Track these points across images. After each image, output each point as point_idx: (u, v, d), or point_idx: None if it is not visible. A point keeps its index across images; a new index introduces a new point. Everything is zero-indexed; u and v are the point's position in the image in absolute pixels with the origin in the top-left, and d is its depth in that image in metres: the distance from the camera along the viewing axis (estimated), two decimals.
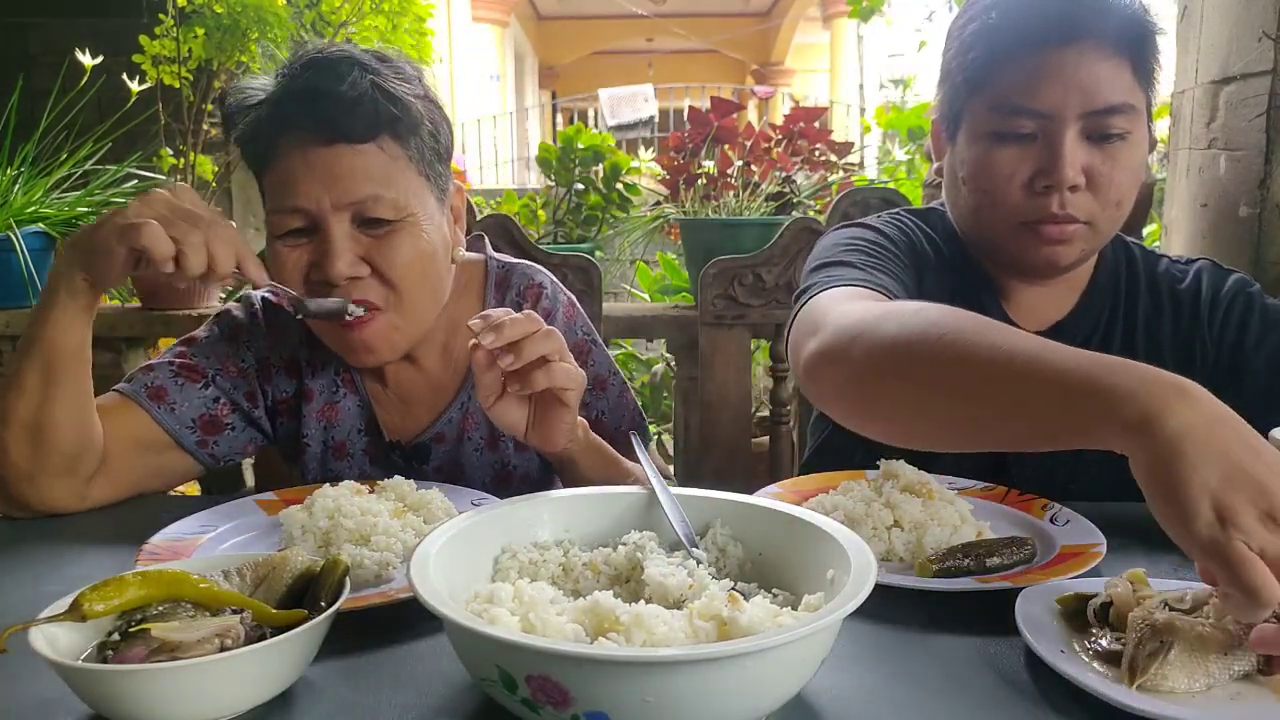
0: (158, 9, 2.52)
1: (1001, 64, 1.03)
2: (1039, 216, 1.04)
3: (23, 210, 2.45)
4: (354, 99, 1.01)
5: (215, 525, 0.98)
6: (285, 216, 1.04)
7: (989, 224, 1.09)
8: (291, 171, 1.03)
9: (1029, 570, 0.83)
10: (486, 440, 1.21)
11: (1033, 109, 1.01)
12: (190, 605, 0.66)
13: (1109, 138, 1.02)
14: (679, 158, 2.41)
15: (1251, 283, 1.17)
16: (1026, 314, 1.15)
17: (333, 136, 1.02)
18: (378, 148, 1.04)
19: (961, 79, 1.07)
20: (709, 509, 0.80)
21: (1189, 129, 2.29)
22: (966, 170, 1.08)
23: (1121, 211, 1.06)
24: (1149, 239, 3.05)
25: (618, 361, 2.97)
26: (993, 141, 1.05)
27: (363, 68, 1.04)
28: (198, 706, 0.60)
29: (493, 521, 0.75)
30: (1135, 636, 0.64)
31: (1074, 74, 0.99)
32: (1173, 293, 1.17)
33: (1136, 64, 1.02)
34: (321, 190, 1.02)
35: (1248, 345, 1.13)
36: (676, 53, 16.62)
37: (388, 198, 1.04)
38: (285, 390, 1.20)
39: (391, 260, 1.05)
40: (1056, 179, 1.01)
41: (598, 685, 0.53)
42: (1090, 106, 1.00)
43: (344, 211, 1.03)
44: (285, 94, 1.04)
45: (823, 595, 0.65)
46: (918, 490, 0.94)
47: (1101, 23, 1.00)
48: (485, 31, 12.01)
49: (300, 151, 1.03)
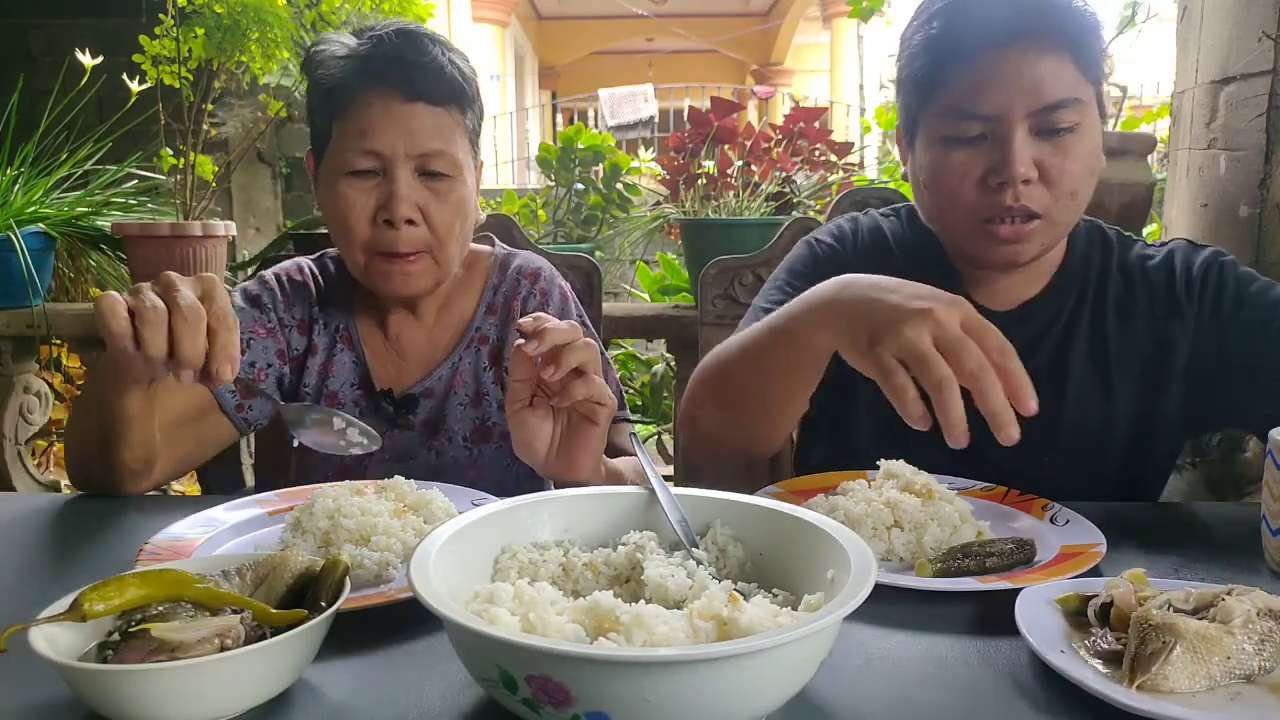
0: (158, 9, 2.52)
1: (946, 71, 1.07)
2: (995, 212, 1.07)
3: (23, 210, 2.45)
4: (437, 68, 1.18)
5: (215, 525, 0.98)
6: (358, 156, 1.17)
7: (951, 224, 1.14)
8: (373, 119, 1.17)
9: (1029, 570, 0.83)
10: (471, 398, 1.32)
11: (980, 113, 1.05)
12: (190, 605, 0.66)
13: (1058, 131, 1.05)
14: (679, 158, 2.41)
15: (1225, 254, 1.17)
16: (995, 297, 1.18)
17: (415, 96, 1.17)
18: (446, 112, 1.20)
19: (911, 87, 1.12)
20: (709, 509, 0.80)
21: (1189, 129, 2.29)
22: (925, 175, 1.13)
23: (1078, 201, 1.09)
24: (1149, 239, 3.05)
25: (617, 361, 2.98)
26: (946, 145, 1.09)
27: (442, 45, 1.21)
28: (198, 706, 0.60)
29: (493, 521, 0.75)
30: (1136, 636, 0.64)
31: (1016, 75, 1.03)
32: (1145, 272, 1.18)
33: (1077, 58, 1.04)
34: (398, 139, 1.16)
35: (1224, 313, 1.13)
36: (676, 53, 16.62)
37: (448, 154, 1.20)
38: (297, 348, 1.32)
39: (441, 210, 1.20)
40: (1008, 175, 1.04)
41: (598, 685, 0.53)
42: (1035, 105, 1.03)
43: (411, 161, 1.18)
44: (377, 53, 1.18)
45: (823, 595, 0.65)
46: (918, 490, 0.94)
47: (1038, 23, 1.03)
48: (485, 31, 12.01)
49: (384, 104, 1.17)
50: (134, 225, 2.42)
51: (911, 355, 0.78)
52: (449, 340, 1.33)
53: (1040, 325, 1.17)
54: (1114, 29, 2.41)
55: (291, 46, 2.60)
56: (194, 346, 0.85)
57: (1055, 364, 1.16)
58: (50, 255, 2.51)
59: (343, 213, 1.19)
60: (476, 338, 1.33)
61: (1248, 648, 0.64)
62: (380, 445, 1.00)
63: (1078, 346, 1.16)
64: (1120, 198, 2.10)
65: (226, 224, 2.50)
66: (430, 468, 1.28)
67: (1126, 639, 0.65)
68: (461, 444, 1.30)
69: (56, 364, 2.95)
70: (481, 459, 1.30)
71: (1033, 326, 1.17)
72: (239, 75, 2.70)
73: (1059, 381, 1.15)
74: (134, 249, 2.40)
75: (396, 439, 1.29)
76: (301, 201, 4.78)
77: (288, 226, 3.49)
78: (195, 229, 2.39)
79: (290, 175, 4.74)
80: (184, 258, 2.39)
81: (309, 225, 2.76)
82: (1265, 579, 0.84)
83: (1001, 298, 1.19)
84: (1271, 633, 0.65)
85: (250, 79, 2.67)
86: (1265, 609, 0.66)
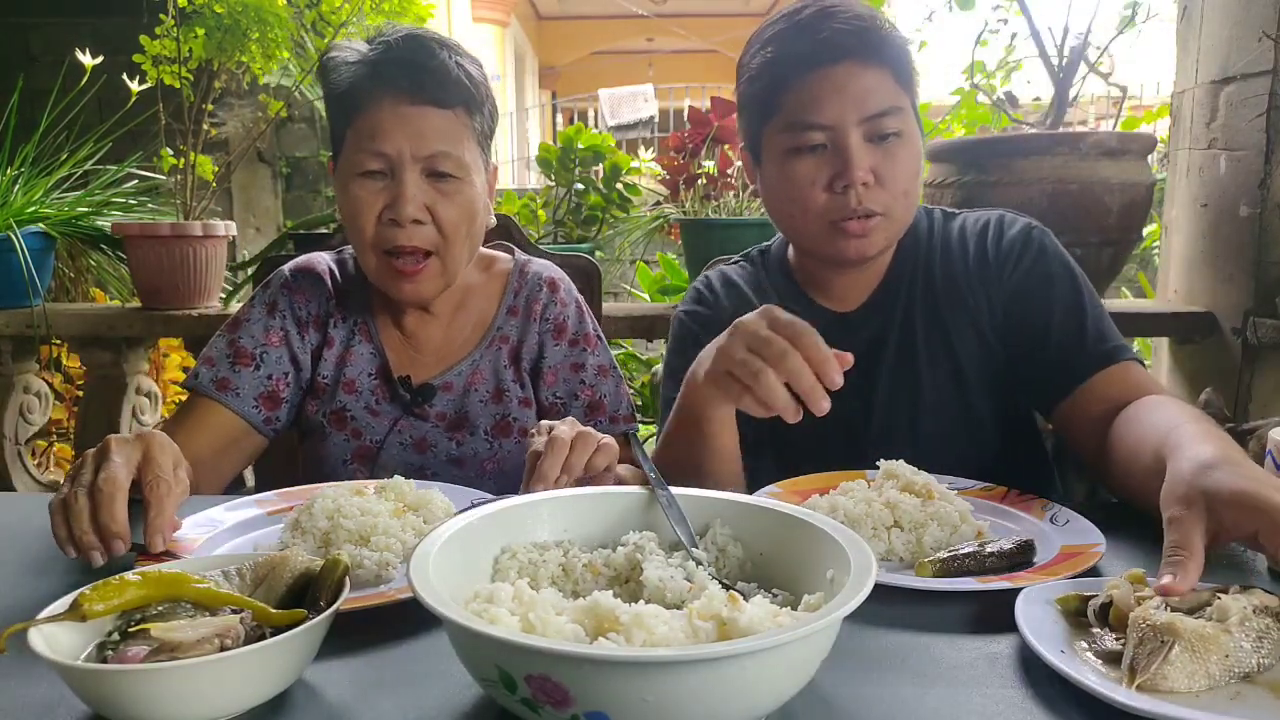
0: (158, 9, 2.51)
1: (786, 89, 1.17)
2: (842, 214, 1.17)
3: (23, 210, 2.45)
4: (445, 72, 1.21)
5: (215, 525, 0.98)
6: (368, 157, 1.20)
7: (803, 227, 1.22)
8: (382, 121, 1.20)
9: (1029, 570, 0.83)
10: (492, 393, 1.36)
11: (819, 123, 1.16)
12: (190, 605, 0.66)
13: (885, 137, 1.16)
14: (679, 158, 2.41)
15: (1037, 226, 1.27)
16: (841, 299, 1.30)
17: (423, 99, 1.20)
18: (454, 114, 1.22)
19: (754, 108, 1.23)
20: (709, 509, 0.80)
21: (1189, 129, 2.29)
22: (775, 185, 1.23)
23: (911, 199, 1.20)
24: (1149, 239, 3.05)
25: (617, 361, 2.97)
26: (791, 156, 1.18)
27: (450, 49, 1.24)
28: (197, 706, 0.60)
29: (492, 521, 0.75)
30: (1136, 636, 0.64)
31: (846, 87, 1.15)
32: (962, 238, 1.28)
33: (896, 73, 1.17)
34: (405, 141, 1.19)
35: (1012, 278, 1.23)
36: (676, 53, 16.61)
37: (455, 155, 1.22)
38: (314, 341, 1.35)
39: (448, 210, 1.22)
40: (850, 179, 1.14)
41: (597, 685, 0.53)
42: (865, 113, 1.15)
43: (418, 163, 1.21)
44: (386, 58, 1.21)
45: (822, 595, 0.65)
46: (918, 490, 0.94)
47: (862, 42, 1.15)
48: (485, 31, 12.01)
49: (392, 106, 1.20)
50: (134, 225, 2.42)
51: (735, 366, 0.93)
52: (468, 339, 1.37)
53: (883, 319, 1.27)
54: (1114, 29, 2.41)
55: (291, 47, 2.59)
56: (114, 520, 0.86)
57: (903, 352, 1.25)
58: (50, 255, 2.51)
59: (353, 212, 1.22)
60: (498, 337, 1.37)
61: (1245, 645, 0.64)
62: None
63: (921, 335, 1.25)
64: (1120, 198, 2.09)
65: (227, 224, 2.50)
66: (450, 458, 1.32)
67: (1125, 639, 0.65)
68: (483, 437, 1.34)
69: (56, 364, 2.95)
70: (500, 452, 1.34)
71: (877, 322, 1.27)
72: (239, 75, 2.70)
73: (910, 369, 1.25)
74: (134, 249, 2.40)
75: (414, 427, 1.33)
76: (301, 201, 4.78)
77: (288, 226, 3.49)
78: (195, 229, 2.40)
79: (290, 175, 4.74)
80: (184, 258, 2.39)
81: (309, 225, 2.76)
82: (1265, 579, 0.84)
83: (847, 299, 1.30)
84: (1269, 630, 0.65)
85: (250, 79, 2.67)
86: (1262, 606, 0.66)
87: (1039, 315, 1.20)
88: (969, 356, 1.24)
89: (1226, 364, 2.12)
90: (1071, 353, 1.16)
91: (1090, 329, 1.17)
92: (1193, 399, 2.16)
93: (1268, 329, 1.99)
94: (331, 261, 1.41)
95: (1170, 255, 2.42)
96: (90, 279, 2.77)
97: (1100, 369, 1.14)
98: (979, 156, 2.17)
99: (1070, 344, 1.17)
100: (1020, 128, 2.42)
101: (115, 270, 2.69)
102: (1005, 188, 2.10)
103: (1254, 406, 2.03)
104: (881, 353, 1.25)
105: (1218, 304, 2.19)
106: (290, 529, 0.91)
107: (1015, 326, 1.22)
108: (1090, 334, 1.16)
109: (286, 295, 1.35)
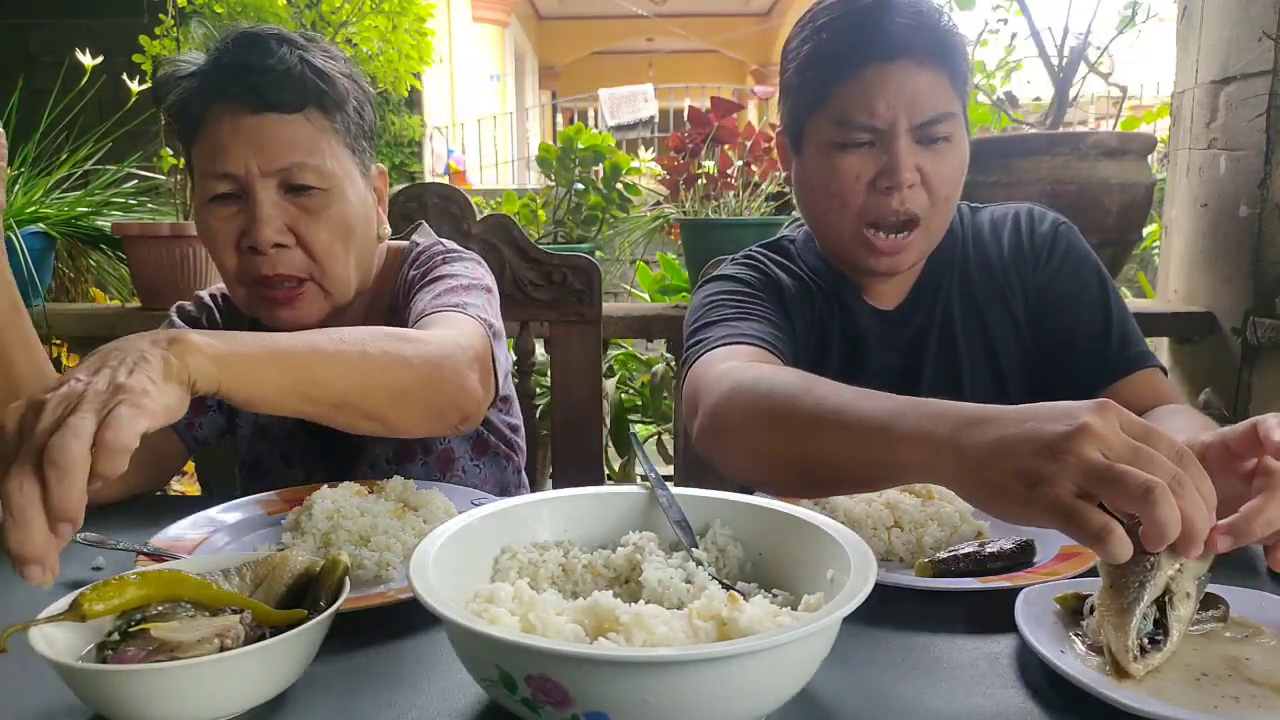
0: (158, 9, 2.51)
1: (837, 82, 1.12)
2: (880, 215, 1.14)
3: (23, 210, 2.45)
4: (283, 71, 1.07)
5: (215, 525, 0.98)
6: (214, 181, 1.08)
7: (836, 228, 1.18)
8: (221, 138, 1.07)
9: (1029, 570, 0.83)
10: None
11: (870, 125, 1.11)
12: (190, 605, 0.66)
13: (935, 140, 1.13)
14: (679, 158, 2.41)
15: (1065, 222, 1.27)
16: (878, 297, 1.26)
17: (262, 106, 1.07)
18: (305, 118, 1.09)
19: (803, 97, 1.18)
20: (709, 509, 0.80)
21: (1189, 129, 2.29)
22: (816, 178, 1.18)
23: (949, 206, 1.17)
24: (1149, 239, 3.05)
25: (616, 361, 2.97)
26: (836, 150, 1.14)
27: (291, 44, 1.10)
28: (197, 706, 0.60)
29: (492, 521, 0.75)
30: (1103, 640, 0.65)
31: (900, 87, 1.10)
32: (994, 229, 1.27)
33: (953, 75, 1.13)
34: (250, 156, 1.06)
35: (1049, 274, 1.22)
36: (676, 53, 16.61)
37: (313, 165, 1.09)
38: None
39: (316, 229, 1.09)
40: (896, 181, 1.11)
41: (598, 685, 0.53)
42: (919, 118, 1.11)
43: (271, 178, 1.08)
44: (217, 67, 1.09)
45: (822, 595, 0.65)
46: (917, 490, 0.94)
47: (919, 39, 1.10)
48: (485, 31, 12.01)
49: (231, 120, 1.07)
50: (134, 225, 2.42)
51: (1093, 479, 0.60)
52: None
53: (924, 315, 1.25)
54: (1114, 29, 2.41)
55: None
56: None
57: (944, 346, 1.23)
58: (50, 255, 2.50)
59: (210, 242, 1.10)
60: None
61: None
62: None
63: (960, 326, 1.23)
64: (1120, 198, 2.09)
65: None
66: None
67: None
68: (385, 467, 1.22)
69: (57, 364, 2.95)
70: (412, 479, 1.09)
71: (920, 318, 1.25)
72: None
73: (951, 359, 1.23)
74: (134, 249, 2.39)
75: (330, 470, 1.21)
76: None
77: None
78: (195, 229, 2.39)
79: None
80: (184, 258, 2.38)
81: None
82: (1265, 579, 0.84)
83: (888, 296, 1.26)
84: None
85: None
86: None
87: (1066, 315, 1.19)
88: (1004, 345, 1.23)
89: (1226, 364, 2.12)
90: (1096, 355, 1.16)
91: (1116, 332, 1.17)
92: (1193, 399, 2.17)
93: (1267, 329, 1.99)
94: (219, 295, 1.30)
95: (1170, 255, 2.42)
96: (90, 279, 2.76)
97: (1125, 375, 1.14)
98: (979, 156, 2.15)
99: (1096, 347, 1.16)
100: (1020, 128, 2.42)
101: (115, 270, 2.69)
102: (1005, 188, 2.10)
103: (1254, 406, 2.03)
104: (924, 349, 1.24)
105: (1217, 304, 2.19)
106: (290, 529, 0.91)
107: (1043, 323, 1.21)
108: (1116, 337, 1.16)
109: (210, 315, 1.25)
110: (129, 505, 1.11)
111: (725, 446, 0.95)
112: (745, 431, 0.91)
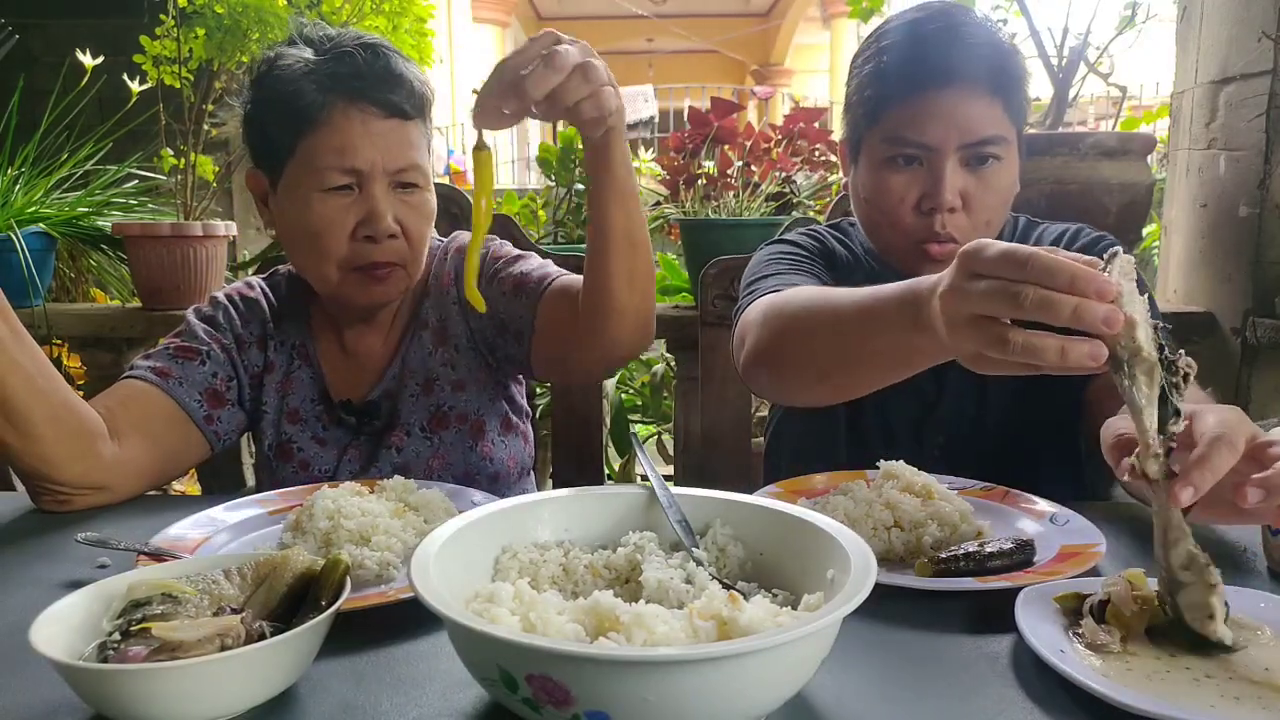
0: (158, 9, 2.51)
1: (892, 103, 1.17)
2: (924, 236, 1.17)
3: (23, 210, 2.45)
4: (408, 83, 1.19)
5: (215, 525, 0.98)
6: (335, 173, 1.17)
7: (887, 240, 1.24)
8: (352, 136, 1.16)
9: (1029, 570, 0.83)
10: (422, 386, 1.30)
11: (919, 142, 1.15)
12: (190, 605, 0.66)
13: (984, 161, 1.16)
14: (679, 158, 2.41)
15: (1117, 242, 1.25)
16: None
17: (392, 112, 1.18)
18: (415, 126, 1.22)
19: (861, 112, 1.22)
20: (709, 509, 0.80)
21: (1189, 129, 2.29)
22: (866, 192, 1.23)
23: (991, 229, 1.20)
24: (1149, 239, 3.04)
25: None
26: (886, 166, 1.19)
27: (403, 57, 1.22)
28: (198, 706, 0.61)
29: (493, 521, 0.76)
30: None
31: (952, 113, 1.13)
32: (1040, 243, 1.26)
33: (1008, 103, 1.15)
34: (377, 155, 1.17)
35: None
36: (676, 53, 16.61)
37: (421, 166, 1.22)
38: (256, 364, 1.31)
39: (417, 222, 1.22)
40: (938, 202, 1.14)
41: (598, 685, 0.53)
42: (967, 140, 1.14)
43: (388, 176, 1.19)
44: (348, 69, 1.17)
45: (822, 595, 0.65)
46: (917, 490, 0.94)
47: (975, 67, 1.13)
48: (486, 32, 12.01)
49: (362, 121, 1.17)
50: (134, 225, 2.42)
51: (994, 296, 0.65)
52: (394, 339, 1.33)
53: None
54: (1114, 29, 2.41)
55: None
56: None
57: None
58: (51, 255, 2.51)
59: (319, 230, 1.18)
60: (417, 325, 1.32)
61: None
62: None
63: None
64: (1120, 198, 2.10)
65: (227, 224, 2.50)
66: (392, 467, 1.26)
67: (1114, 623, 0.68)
68: (420, 434, 1.28)
69: (57, 364, 2.95)
70: (443, 447, 1.28)
71: None
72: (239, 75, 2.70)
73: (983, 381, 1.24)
74: (134, 249, 2.40)
75: (362, 447, 1.29)
76: None
77: None
78: (196, 229, 2.39)
79: None
80: (184, 258, 2.39)
81: None
82: (1265, 579, 0.84)
83: None
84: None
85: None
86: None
87: None
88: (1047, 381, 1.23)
89: (1226, 364, 2.13)
90: None
91: None
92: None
93: (1267, 329, 1.99)
94: (263, 283, 1.37)
95: (1169, 255, 2.42)
96: (91, 279, 2.77)
97: None
98: None
99: None
100: None
101: (116, 270, 2.69)
102: None
103: (1253, 407, 2.03)
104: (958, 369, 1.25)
105: (1217, 304, 2.19)
106: (291, 529, 0.91)
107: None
108: None
109: (226, 312, 1.31)
110: (129, 505, 1.11)
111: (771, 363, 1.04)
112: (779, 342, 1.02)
